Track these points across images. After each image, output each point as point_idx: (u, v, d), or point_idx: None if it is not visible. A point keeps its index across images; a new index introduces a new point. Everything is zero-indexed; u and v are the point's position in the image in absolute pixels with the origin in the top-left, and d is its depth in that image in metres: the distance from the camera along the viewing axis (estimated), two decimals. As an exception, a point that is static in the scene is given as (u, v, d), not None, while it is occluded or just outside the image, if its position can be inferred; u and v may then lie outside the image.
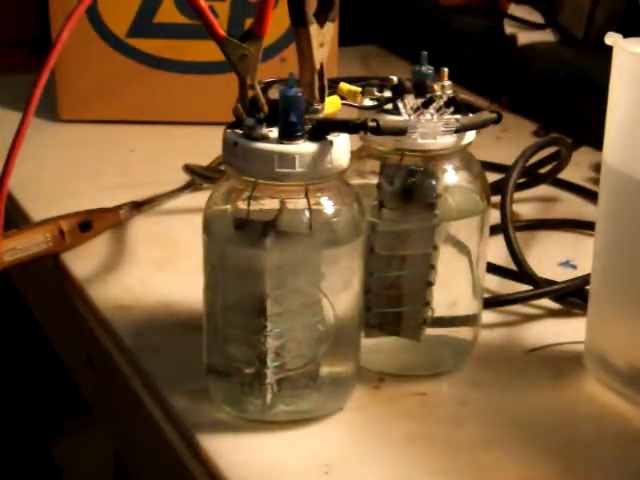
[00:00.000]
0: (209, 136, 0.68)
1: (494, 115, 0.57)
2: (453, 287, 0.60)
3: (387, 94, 0.57)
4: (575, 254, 0.77)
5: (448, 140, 0.56)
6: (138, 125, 1.03)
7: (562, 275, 0.71)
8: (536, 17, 1.12)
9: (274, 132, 0.52)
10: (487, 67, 1.15)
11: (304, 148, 0.51)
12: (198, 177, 0.87)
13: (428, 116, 0.55)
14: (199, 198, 0.65)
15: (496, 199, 0.70)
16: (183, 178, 0.87)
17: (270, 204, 0.53)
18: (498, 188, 0.73)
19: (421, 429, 0.56)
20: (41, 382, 1.30)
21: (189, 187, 0.88)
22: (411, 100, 0.55)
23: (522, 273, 0.69)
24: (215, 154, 0.85)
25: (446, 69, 0.57)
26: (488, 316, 0.66)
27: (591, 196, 0.87)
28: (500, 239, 0.72)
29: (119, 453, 0.75)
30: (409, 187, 0.57)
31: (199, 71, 1.02)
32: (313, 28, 0.52)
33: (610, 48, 0.57)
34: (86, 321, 0.69)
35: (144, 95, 1.03)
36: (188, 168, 0.86)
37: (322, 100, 0.53)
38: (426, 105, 0.55)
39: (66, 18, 0.52)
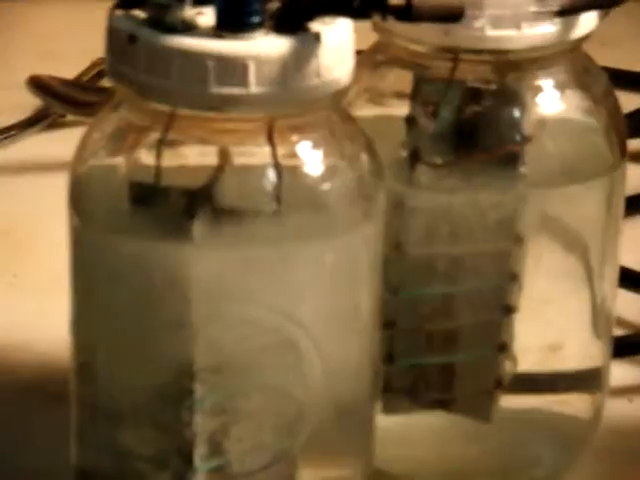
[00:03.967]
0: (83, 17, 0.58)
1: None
2: (554, 316, 0.45)
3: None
4: None
5: (544, 31, 0.42)
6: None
7: None
8: None
9: (207, 16, 0.39)
10: None
11: (265, 48, 0.38)
12: (56, 100, 0.64)
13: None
14: (59, 142, 0.56)
15: (638, 144, 0.56)
16: (29, 103, 0.65)
17: (200, 156, 0.38)
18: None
19: None
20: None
21: (40, 121, 0.65)
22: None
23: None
24: (90, 54, 0.64)
25: None
26: (621, 371, 0.50)
27: None
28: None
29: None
30: (469, 123, 0.43)
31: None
32: None
33: None
34: None
35: None
36: (37, 82, 0.64)
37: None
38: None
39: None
